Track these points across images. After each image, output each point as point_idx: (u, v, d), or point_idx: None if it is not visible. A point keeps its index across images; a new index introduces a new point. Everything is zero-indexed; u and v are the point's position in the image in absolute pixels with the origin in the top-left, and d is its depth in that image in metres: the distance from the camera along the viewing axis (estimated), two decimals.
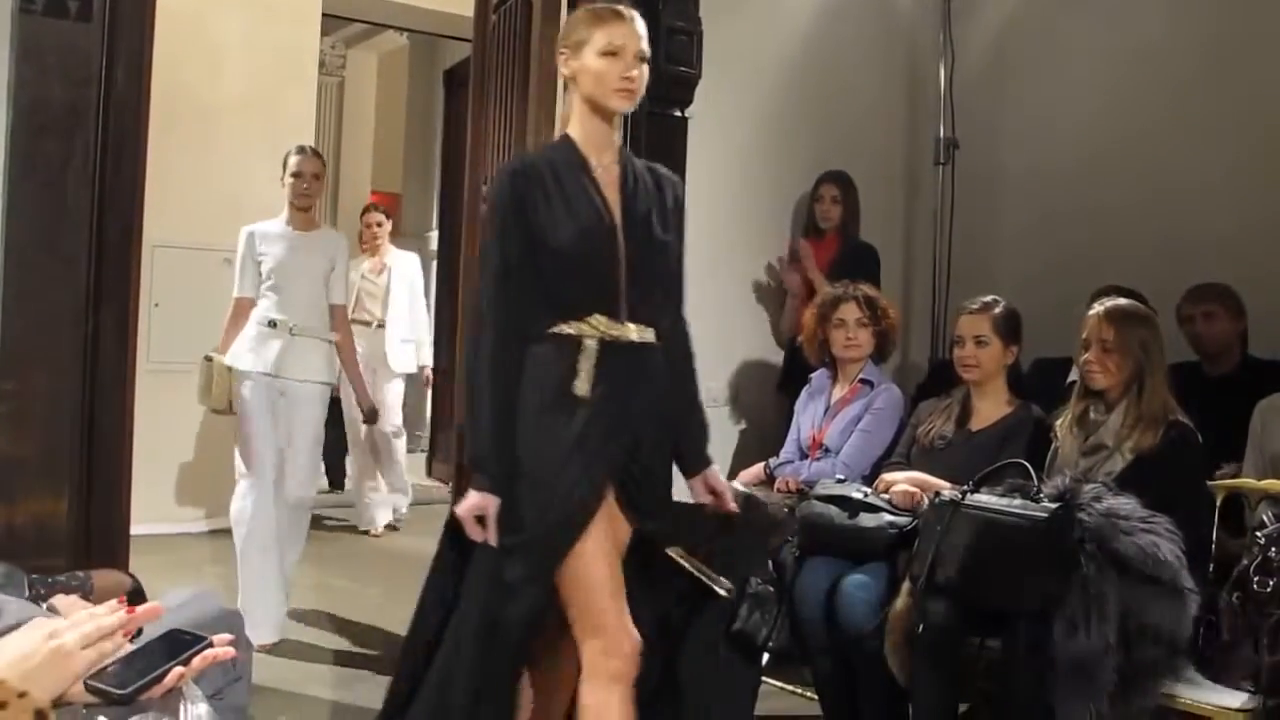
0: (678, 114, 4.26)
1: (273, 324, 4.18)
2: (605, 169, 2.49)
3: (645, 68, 2.44)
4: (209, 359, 4.20)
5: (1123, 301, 3.08)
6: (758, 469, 3.77)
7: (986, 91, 4.90)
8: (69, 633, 1.23)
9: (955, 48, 4.90)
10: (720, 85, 4.34)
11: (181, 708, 1.29)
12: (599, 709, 2.29)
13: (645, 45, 2.44)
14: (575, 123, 2.50)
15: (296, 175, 4.28)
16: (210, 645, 1.31)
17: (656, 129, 4.21)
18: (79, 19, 3.00)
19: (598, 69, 2.40)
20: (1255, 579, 2.60)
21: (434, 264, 8.87)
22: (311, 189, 4.32)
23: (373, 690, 3.73)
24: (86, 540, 3.01)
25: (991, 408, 3.31)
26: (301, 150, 4.37)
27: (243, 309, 4.29)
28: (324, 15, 6.87)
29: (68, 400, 3.05)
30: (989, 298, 3.35)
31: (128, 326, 3.22)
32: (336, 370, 4.52)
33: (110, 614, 1.29)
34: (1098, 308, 3.05)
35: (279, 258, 4.25)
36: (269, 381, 4.17)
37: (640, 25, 2.45)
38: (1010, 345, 3.31)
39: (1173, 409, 2.91)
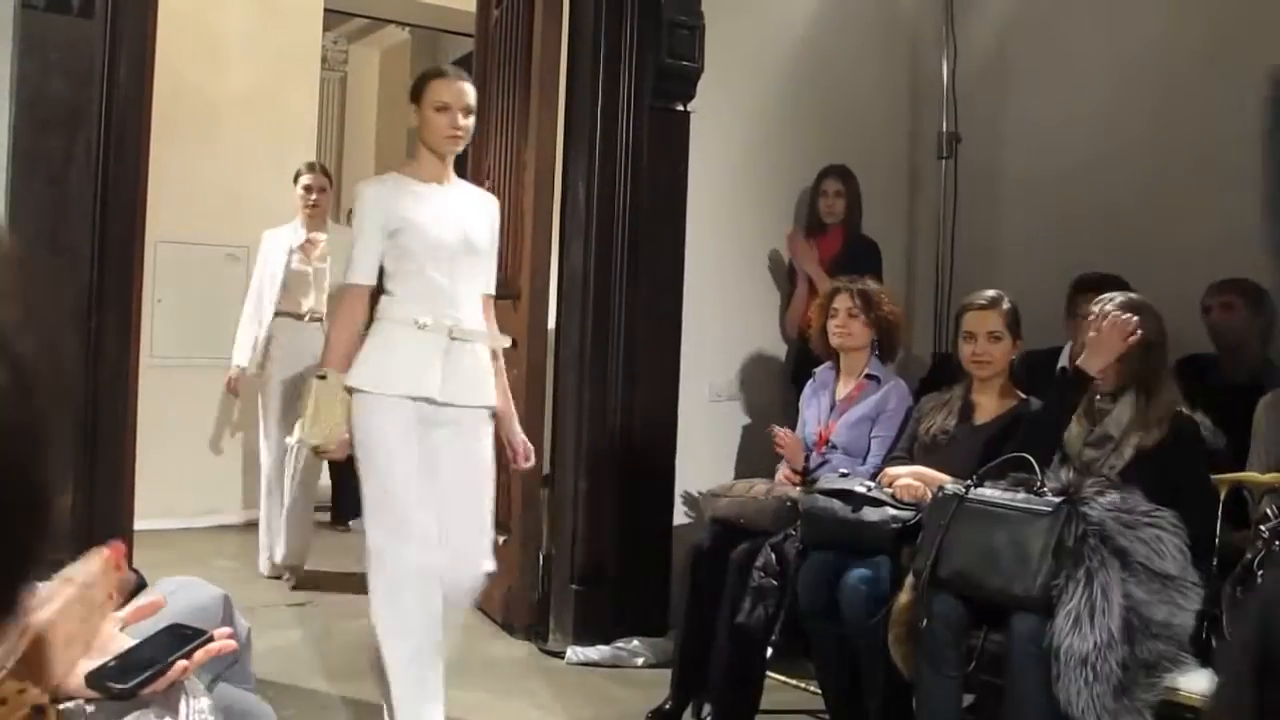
0: (680, 108, 4.26)
1: (422, 325, 2.96)
2: None
3: None
4: (323, 377, 2.96)
5: (1120, 296, 3.07)
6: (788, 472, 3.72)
7: (989, 85, 4.89)
8: (46, 610, 1.19)
9: (957, 41, 4.89)
10: (722, 79, 4.34)
11: (183, 702, 1.29)
12: None
13: None
14: None
15: (442, 108, 3.04)
16: (211, 639, 1.31)
17: (658, 123, 4.22)
18: (81, 15, 3.01)
19: None
20: (1259, 572, 2.60)
21: None
22: (461, 129, 3.05)
23: (372, 687, 3.73)
24: (90, 536, 3.00)
25: (993, 402, 3.31)
26: (441, 73, 3.14)
27: (357, 303, 3.07)
28: (326, 11, 6.87)
29: (71, 396, 3.05)
30: (993, 292, 3.35)
31: (130, 322, 3.23)
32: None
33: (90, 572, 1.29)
34: (1096, 305, 3.04)
35: (424, 225, 3.00)
36: (420, 411, 2.96)
37: None
38: (1016, 339, 3.32)
39: (1178, 401, 2.92)
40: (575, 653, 4.05)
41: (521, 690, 3.76)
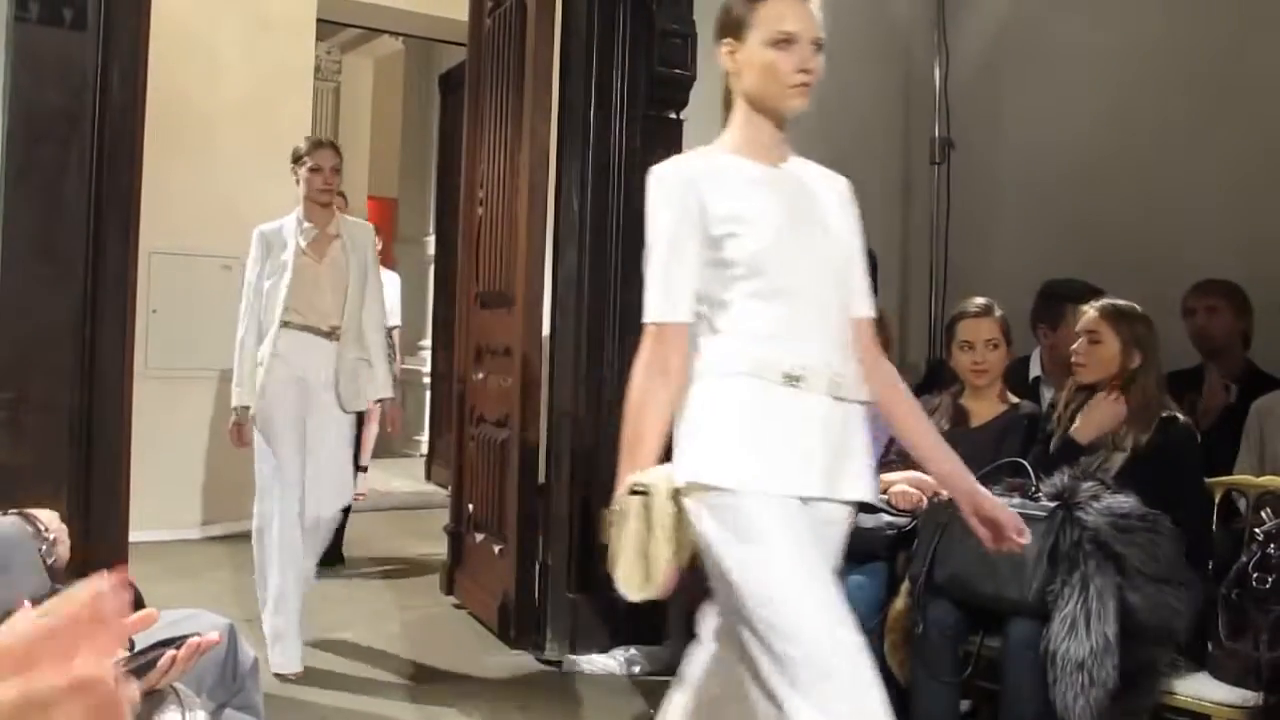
0: (673, 116, 4.27)
1: (795, 379, 1.97)
2: None
3: None
4: (640, 492, 1.94)
5: (1120, 301, 3.08)
6: None
7: (982, 90, 4.90)
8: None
9: (950, 47, 4.91)
10: (715, 87, 4.32)
11: (180, 714, 1.29)
12: None
13: None
14: None
15: (784, 41, 2.11)
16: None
17: (651, 131, 4.22)
18: (74, 27, 3.01)
19: None
20: (1254, 575, 2.60)
21: (430, 268, 8.87)
22: (813, 71, 2.19)
23: (369, 697, 3.73)
24: (85, 547, 3.00)
25: (987, 408, 3.32)
26: None
27: (671, 355, 2.04)
28: (319, 21, 6.87)
29: (66, 406, 3.05)
30: (984, 300, 3.37)
31: (125, 333, 3.22)
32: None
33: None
34: (1091, 305, 3.07)
35: (769, 223, 2.05)
36: (805, 513, 1.96)
37: None
38: (1010, 346, 3.34)
39: (1167, 405, 2.93)
40: (572, 662, 4.05)
41: (518, 700, 3.75)
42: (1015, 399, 3.34)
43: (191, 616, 2.01)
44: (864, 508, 3.11)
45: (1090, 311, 3.03)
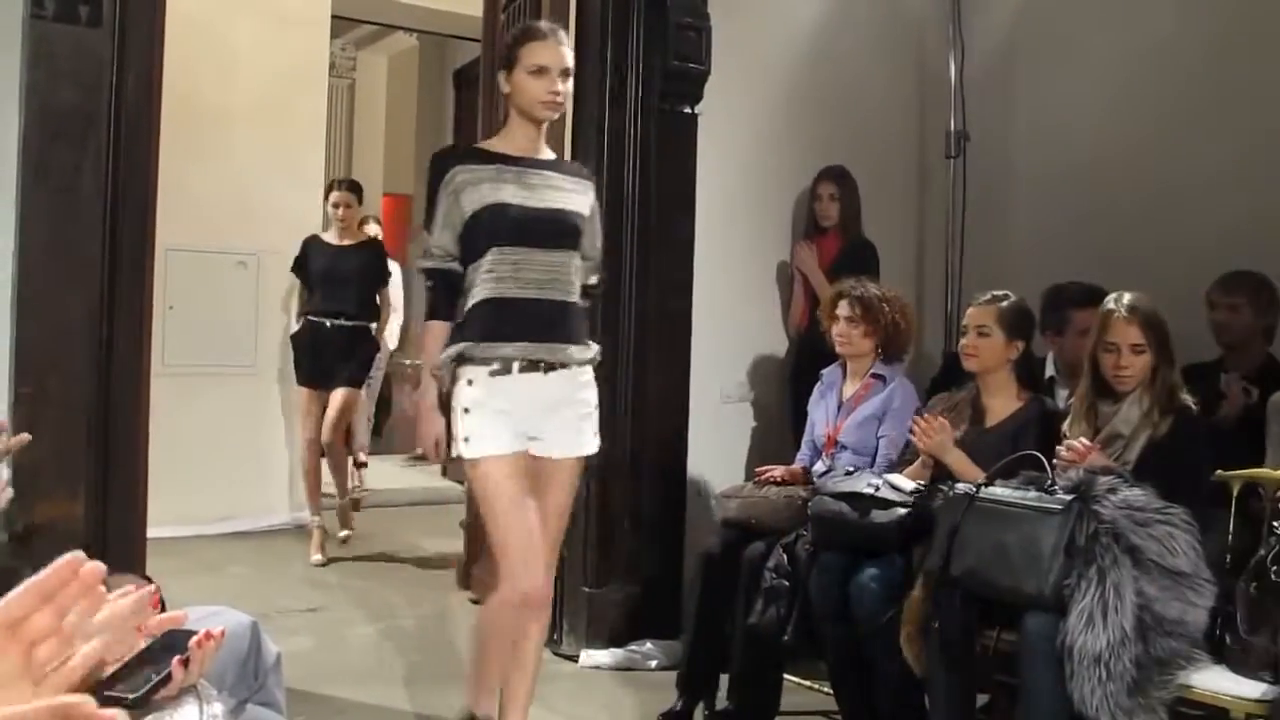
0: (687, 110, 4.26)
1: None
2: None
3: None
4: None
5: (1139, 298, 3.05)
6: (796, 469, 3.71)
7: (997, 83, 4.88)
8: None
9: (965, 39, 4.88)
10: (729, 81, 4.33)
11: (196, 708, 1.30)
12: None
13: None
14: None
15: None
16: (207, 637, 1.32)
17: (666, 125, 4.21)
18: (89, 24, 3.02)
19: None
20: (1273, 569, 2.59)
21: None
22: None
23: (387, 691, 3.74)
24: (103, 543, 3.03)
25: (1002, 402, 3.31)
26: None
27: None
28: (333, 17, 6.88)
29: (83, 403, 3.07)
30: (999, 291, 3.36)
31: (142, 330, 3.24)
32: None
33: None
34: (1117, 306, 3.03)
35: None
36: None
37: None
38: (1014, 340, 3.29)
39: (1181, 390, 2.94)
40: (588, 656, 4.05)
41: (535, 694, 3.75)
42: (1033, 393, 3.33)
43: (215, 614, 2.02)
44: (876, 504, 3.13)
45: (1127, 323, 2.97)
